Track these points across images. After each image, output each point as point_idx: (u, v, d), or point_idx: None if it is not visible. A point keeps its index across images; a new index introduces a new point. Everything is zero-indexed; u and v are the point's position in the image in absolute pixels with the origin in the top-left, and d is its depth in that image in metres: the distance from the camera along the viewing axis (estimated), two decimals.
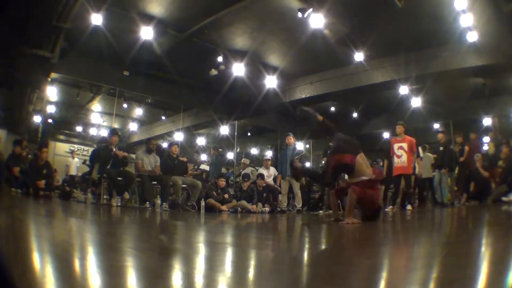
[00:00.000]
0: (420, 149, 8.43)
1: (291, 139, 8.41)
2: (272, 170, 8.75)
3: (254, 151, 16.92)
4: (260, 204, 7.91)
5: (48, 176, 7.32)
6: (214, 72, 9.79)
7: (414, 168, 7.75)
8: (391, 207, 7.60)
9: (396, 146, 7.35)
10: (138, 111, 13.78)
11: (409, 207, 7.32)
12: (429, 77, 9.18)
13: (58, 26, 6.86)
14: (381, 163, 8.47)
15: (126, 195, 6.97)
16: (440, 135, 8.79)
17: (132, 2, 7.66)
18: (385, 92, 10.83)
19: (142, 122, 15.57)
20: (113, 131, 7.81)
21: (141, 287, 1.17)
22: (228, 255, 1.99)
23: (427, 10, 7.19)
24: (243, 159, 11.03)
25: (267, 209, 7.93)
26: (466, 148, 8.51)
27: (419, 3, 7.05)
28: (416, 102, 10.90)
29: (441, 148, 8.53)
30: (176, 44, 8.98)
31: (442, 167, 8.31)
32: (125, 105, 12.92)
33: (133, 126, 15.21)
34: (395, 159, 7.31)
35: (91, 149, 10.93)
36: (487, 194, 7.90)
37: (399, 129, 7.51)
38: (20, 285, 0.94)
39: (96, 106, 14.00)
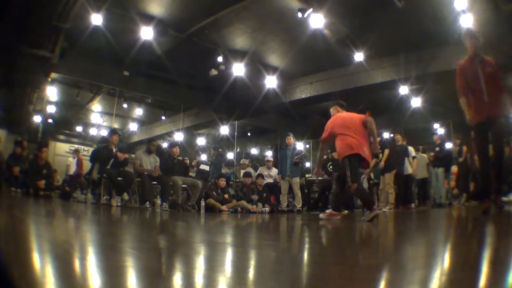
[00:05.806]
0: (413, 149, 8.53)
1: (291, 139, 8.40)
2: (274, 171, 8.71)
3: (254, 151, 16.91)
4: (260, 204, 7.91)
5: (48, 176, 7.33)
6: (214, 72, 9.79)
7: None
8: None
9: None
10: (138, 111, 13.79)
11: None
12: (429, 77, 9.18)
13: (58, 26, 6.87)
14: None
15: (126, 196, 6.96)
16: (435, 137, 9.03)
17: (132, 2, 7.67)
18: (385, 92, 10.82)
19: (142, 122, 15.58)
20: (113, 131, 7.80)
21: (141, 287, 1.17)
22: (228, 255, 1.99)
23: (427, 10, 7.19)
24: (242, 159, 10.99)
25: (267, 209, 7.93)
26: (464, 148, 8.53)
27: (419, 3, 7.04)
28: (416, 102, 10.90)
29: (437, 149, 8.72)
30: (176, 44, 8.98)
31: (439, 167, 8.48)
32: (125, 105, 12.93)
33: (133, 126, 15.23)
34: None
35: (91, 149, 10.93)
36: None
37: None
38: (20, 285, 0.94)
39: (96, 106, 14.02)
